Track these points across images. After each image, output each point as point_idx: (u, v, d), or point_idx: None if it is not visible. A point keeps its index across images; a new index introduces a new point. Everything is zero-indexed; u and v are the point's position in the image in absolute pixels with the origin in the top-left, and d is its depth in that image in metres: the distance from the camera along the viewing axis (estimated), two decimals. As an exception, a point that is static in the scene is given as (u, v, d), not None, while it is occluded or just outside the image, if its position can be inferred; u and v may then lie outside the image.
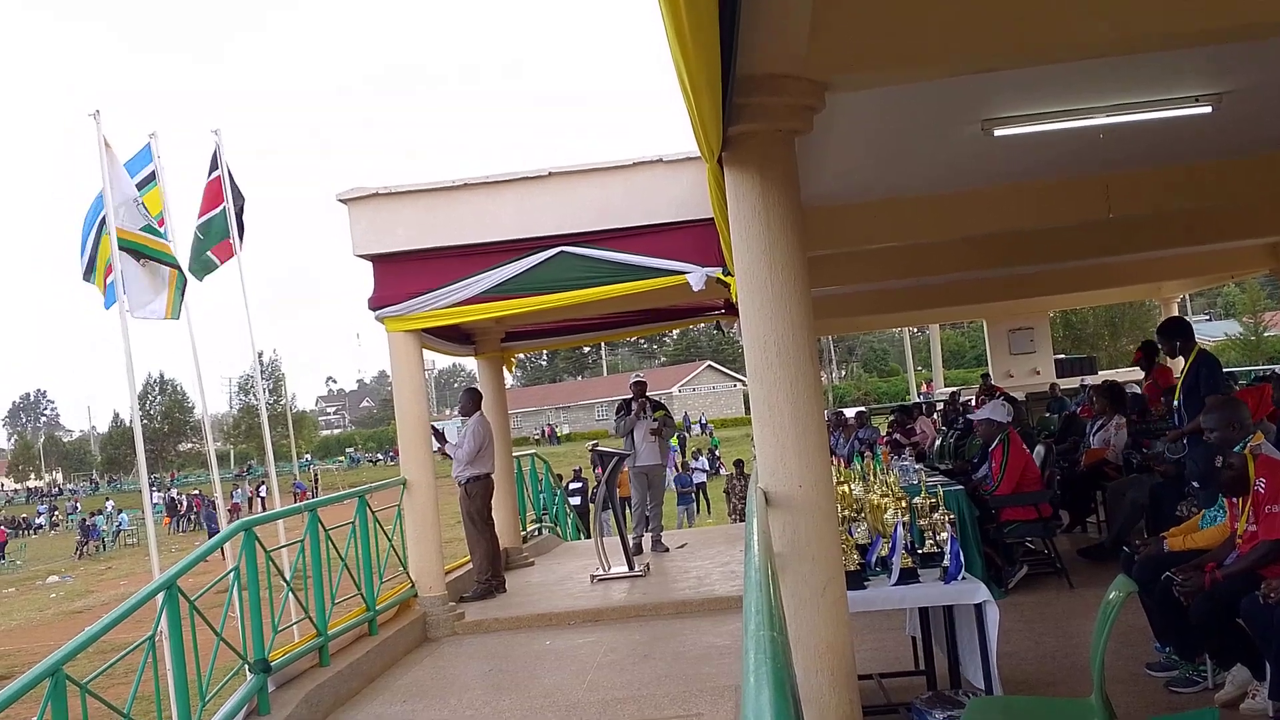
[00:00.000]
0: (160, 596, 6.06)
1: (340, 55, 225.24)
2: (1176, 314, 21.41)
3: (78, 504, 68.18)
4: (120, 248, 10.47)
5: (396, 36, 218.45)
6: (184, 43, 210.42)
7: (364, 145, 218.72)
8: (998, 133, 6.91)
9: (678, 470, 31.18)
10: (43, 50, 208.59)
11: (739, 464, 27.17)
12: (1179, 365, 8.76)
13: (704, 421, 65.61)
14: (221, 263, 12.21)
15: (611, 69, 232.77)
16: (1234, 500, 5.55)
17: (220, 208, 12.13)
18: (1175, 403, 8.44)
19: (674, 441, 32.50)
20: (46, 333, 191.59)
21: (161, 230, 11.13)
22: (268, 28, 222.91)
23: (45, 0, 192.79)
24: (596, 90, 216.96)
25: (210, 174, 12.19)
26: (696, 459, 37.17)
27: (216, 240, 12.20)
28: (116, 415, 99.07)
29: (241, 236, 12.39)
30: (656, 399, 12.72)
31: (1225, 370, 10.29)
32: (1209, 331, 51.62)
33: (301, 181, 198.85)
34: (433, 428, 10.22)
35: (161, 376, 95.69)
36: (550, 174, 9.14)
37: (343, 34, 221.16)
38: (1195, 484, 6.55)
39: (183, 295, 11.22)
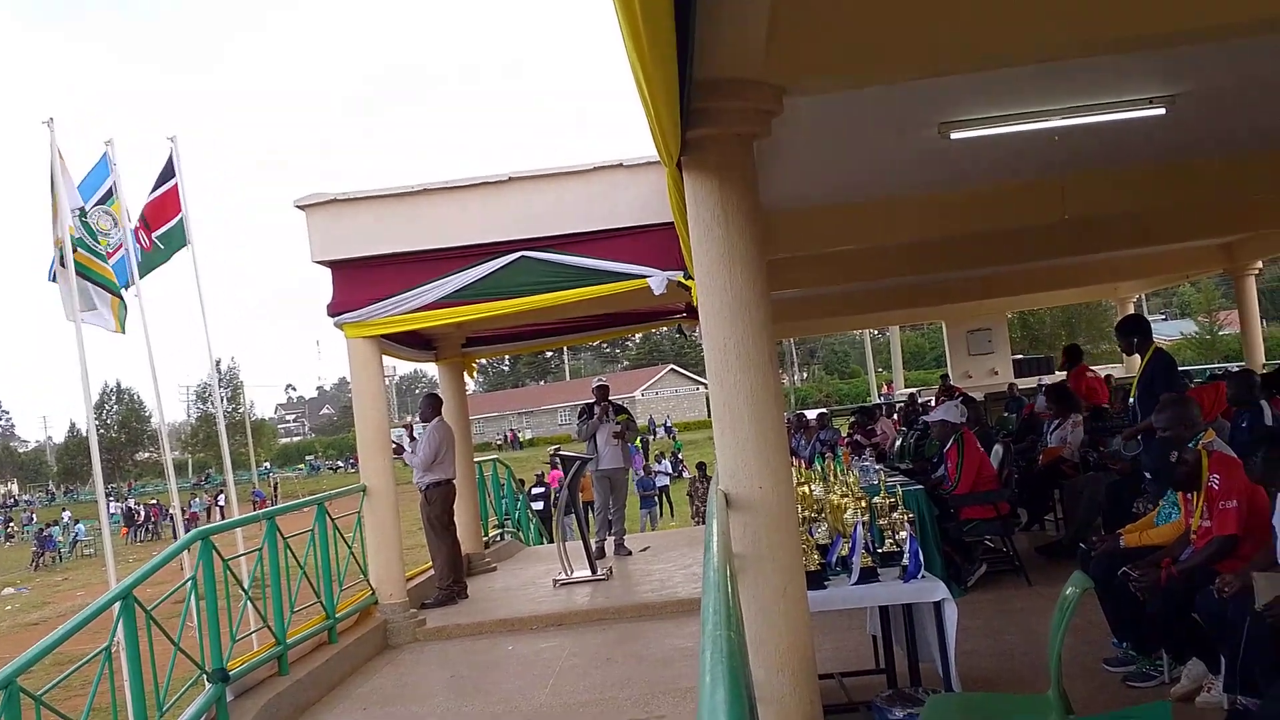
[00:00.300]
0: (116, 607, 6.00)
1: (340, 55, 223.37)
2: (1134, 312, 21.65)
3: (33, 515, 67.00)
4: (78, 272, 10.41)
5: (396, 36, 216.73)
6: (183, 43, 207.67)
7: (364, 146, 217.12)
8: (954, 136, 6.97)
9: (642, 473, 31.18)
10: (42, 51, 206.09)
11: (701, 466, 27.20)
12: (1134, 364, 8.84)
13: (667, 424, 65.66)
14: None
15: (611, 68, 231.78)
16: (1188, 496, 5.63)
17: (178, 218, 11.99)
18: (1131, 400, 8.54)
19: (637, 444, 32.56)
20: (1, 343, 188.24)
21: (110, 262, 10.97)
22: (268, 28, 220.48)
23: (46, 0, 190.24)
24: (596, 90, 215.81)
25: (165, 182, 12.00)
26: (659, 462, 37.19)
27: (176, 249, 12.05)
28: (73, 425, 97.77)
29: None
30: (619, 403, 12.72)
31: (1181, 369, 10.41)
32: (1165, 331, 52.24)
33: (301, 182, 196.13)
34: (409, 432, 10.24)
35: (118, 385, 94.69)
36: (510, 179, 9.13)
37: (343, 34, 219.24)
38: (1149, 476, 6.63)
39: (126, 314, 11.11)
